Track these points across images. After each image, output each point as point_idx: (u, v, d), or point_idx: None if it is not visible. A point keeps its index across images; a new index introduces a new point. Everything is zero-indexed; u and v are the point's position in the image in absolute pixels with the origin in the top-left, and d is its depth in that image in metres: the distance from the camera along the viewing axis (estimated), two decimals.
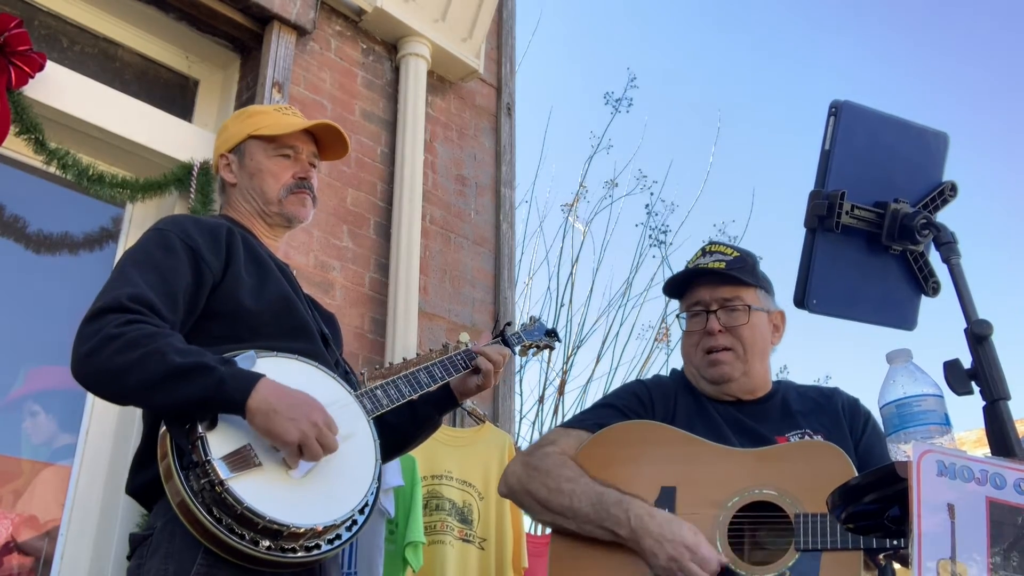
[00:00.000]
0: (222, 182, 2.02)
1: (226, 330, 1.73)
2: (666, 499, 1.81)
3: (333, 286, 3.40)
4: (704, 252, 2.06)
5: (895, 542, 1.59)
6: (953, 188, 1.46)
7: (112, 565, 2.84)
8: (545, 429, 7.57)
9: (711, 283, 2.01)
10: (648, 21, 17.00)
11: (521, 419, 7.65)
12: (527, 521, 3.44)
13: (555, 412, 7.73)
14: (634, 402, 2.02)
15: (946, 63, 21.46)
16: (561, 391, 7.77)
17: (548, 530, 2.01)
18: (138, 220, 3.35)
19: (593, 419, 1.99)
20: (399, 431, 1.98)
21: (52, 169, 2.97)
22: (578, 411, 2.22)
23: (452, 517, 2.93)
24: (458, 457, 2.85)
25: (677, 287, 2.07)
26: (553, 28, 16.90)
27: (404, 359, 3.19)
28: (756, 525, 1.76)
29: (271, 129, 1.97)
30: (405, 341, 3.43)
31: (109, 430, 3.04)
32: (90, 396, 3.05)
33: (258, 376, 1.57)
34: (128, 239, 3.31)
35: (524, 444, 6.95)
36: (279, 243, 2.01)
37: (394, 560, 2.71)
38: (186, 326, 1.70)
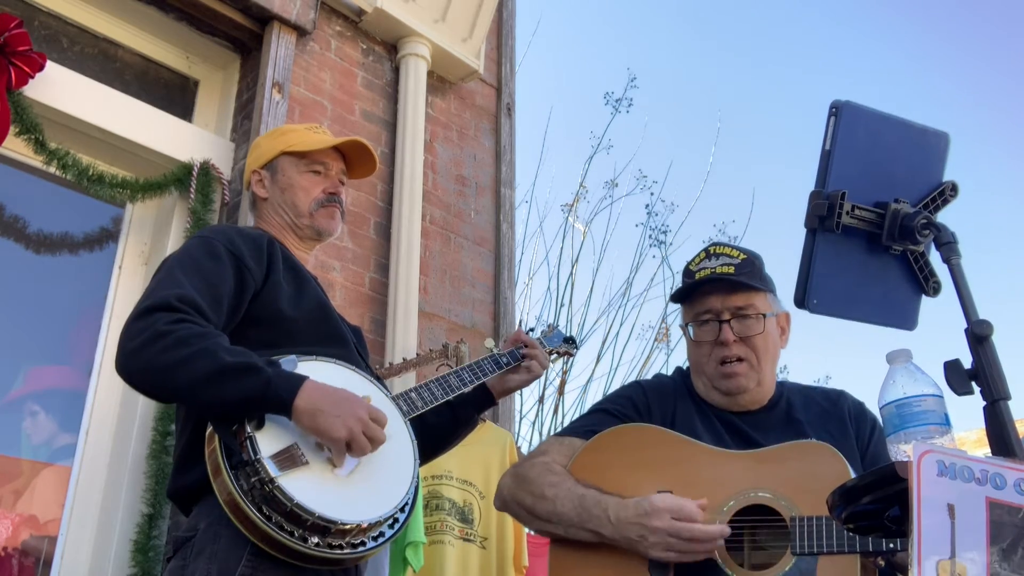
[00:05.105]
0: (254, 197, 2.08)
1: (265, 335, 1.78)
2: None
3: (333, 286, 3.40)
4: (709, 254, 1.97)
5: (891, 544, 1.58)
6: (954, 188, 1.46)
7: (112, 565, 2.84)
8: (545, 429, 7.57)
9: (721, 290, 1.92)
10: (648, 21, 17.00)
11: (521, 419, 7.65)
12: None
13: (555, 412, 7.73)
14: (629, 407, 1.99)
15: (949, 60, 21.46)
16: (561, 391, 7.78)
17: None
18: (138, 220, 3.35)
19: (586, 425, 1.97)
20: (440, 431, 2.06)
21: (52, 169, 2.97)
22: (576, 414, 2.21)
23: (452, 516, 2.93)
24: (458, 456, 2.84)
25: (685, 294, 1.98)
26: (553, 28, 16.91)
27: (404, 359, 3.21)
28: (754, 528, 1.75)
29: (302, 146, 2.04)
30: (405, 341, 3.43)
31: (109, 430, 3.04)
32: (90, 396, 3.05)
33: (303, 377, 1.62)
34: (128, 239, 3.32)
35: (524, 444, 6.96)
36: (309, 256, 2.07)
37: (395, 560, 2.71)
38: (227, 330, 1.74)
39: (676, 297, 2.02)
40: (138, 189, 3.16)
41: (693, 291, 1.97)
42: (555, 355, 2.39)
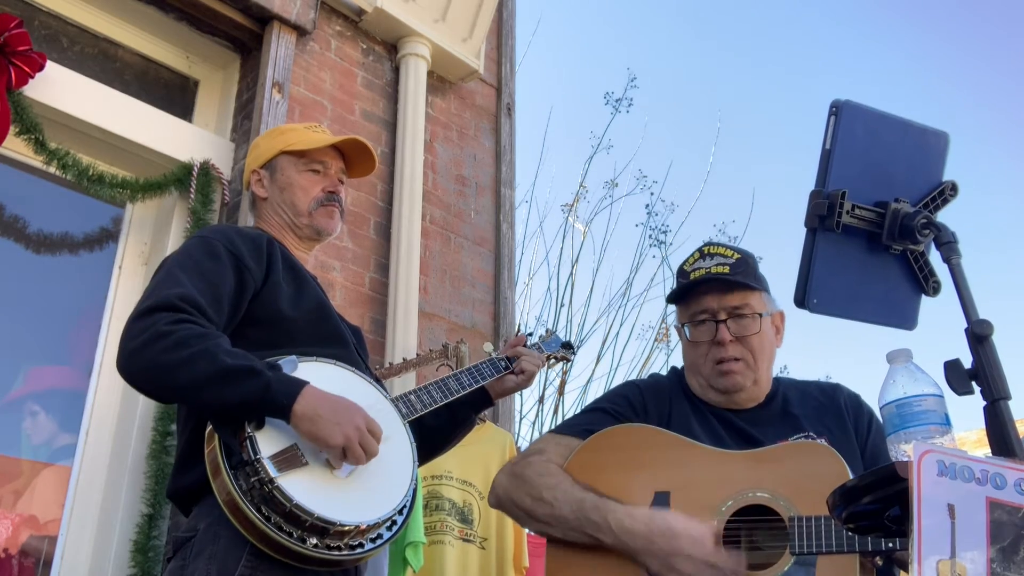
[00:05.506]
0: (253, 197, 2.08)
1: (264, 336, 1.78)
2: (660, 504, 1.79)
3: (333, 286, 3.40)
4: (703, 254, 1.97)
5: (890, 544, 1.58)
6: (954, 188, 1.46)
7: (112, 565, 2.84)
8: (545, 429, 7.57)
9: (717, 290, 1.92)
10: (648, 21, 17.00)
11: (521, 419, 7.66)
12: None
13: (555, 412, 7.73)
14: (625, 406, 1.98)
15: (949, 60, 21.46)
16: (561, 391, 7.78)
17: None
18: (138, 220, 3.35)
19: (583, 424, 1.96)
20: (438, 432, 2.06)
21: (52, 169, 2.97)
22: (570, 415, 2.20)
23: (452, 517, 2.93)
24: (458, 457, 2.84)
25: (680, 294, 1.98)
26: (553, 28, 16.92)
27: (404, 359, 3.20)
28: (752, 528, 1.75)
29: (301, 145, 2.04)
30: (405, 341, 3.43)
31: (109, 430, 3.04)
32: (90, 396, 3.05)
33: (303, 382, 1.62)
34: (128, 239, 3.32)
35: (524, 444, 6.96)
36: (309, 256, 2.07)
37: (394, 560, 2.71)
38: (227, 330, 1.73)
39: (672, 298, 2.02)
40: (138, 189, 3.16)
41: (689, 291, 1.96)
42: (553, 360, 2.39)
